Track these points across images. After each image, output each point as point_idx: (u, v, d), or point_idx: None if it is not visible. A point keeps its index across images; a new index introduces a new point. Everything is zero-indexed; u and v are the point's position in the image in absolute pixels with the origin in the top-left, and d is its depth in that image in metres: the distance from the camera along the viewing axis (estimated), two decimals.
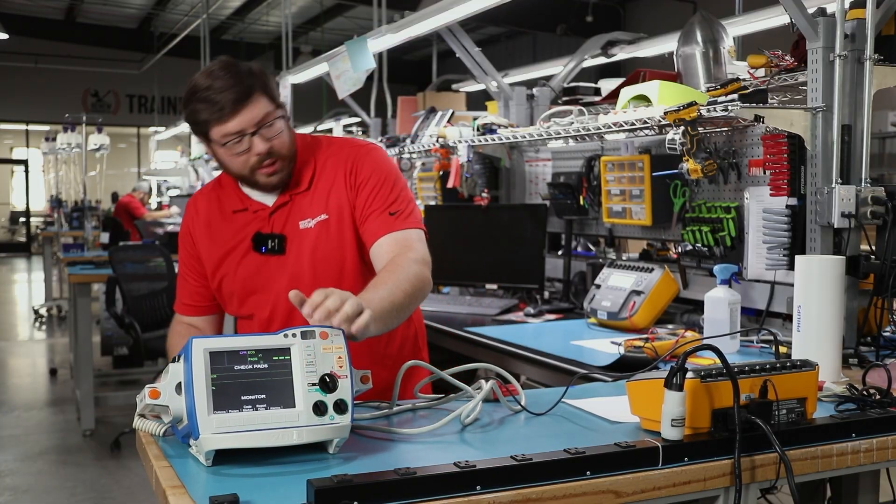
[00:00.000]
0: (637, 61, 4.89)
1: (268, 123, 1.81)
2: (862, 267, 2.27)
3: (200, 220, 2.00)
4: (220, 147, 1.83)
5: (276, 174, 1.87)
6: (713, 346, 1.46)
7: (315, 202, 1.95)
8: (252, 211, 1.95)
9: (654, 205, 3.08)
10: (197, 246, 2.00)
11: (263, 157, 1.83)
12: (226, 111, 1.77)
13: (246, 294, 1.97)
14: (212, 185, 2.07)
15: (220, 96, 1.77)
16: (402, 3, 5.61)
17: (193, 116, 1.82)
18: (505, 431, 1.62)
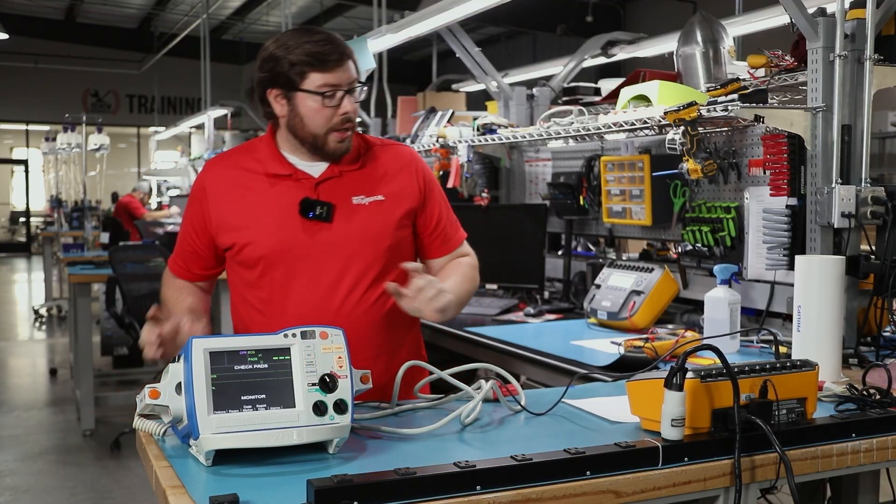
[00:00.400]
0: (637, 61, 4.89)
1: (355, 89, 1.89)
2: (862, 267, 2.27)
3: (221, 185, 1.97)
4: (311, 97, 1.86)
5: (345, 141, 1.92)
6: (713, 346, 1.46)
7: (368, 182, 1.98)
8: (296, 178, 1.94)
9: (654, 205, 3.08)
10: (211, 211, 1.96)
11: (346, 119, 1.89)
12: (331, 61, 1.84)
13: (277, 259, 1.93)
14: (236, 151, 2.05)
15: (328, 48, 1.85)
16: (402, 3, 5.62)
17: (291, 60, 1.84)
18: (505, 431, 1.62)
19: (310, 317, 1.88)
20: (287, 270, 1.93)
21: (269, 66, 1.89)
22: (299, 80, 1.86)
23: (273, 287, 1.94)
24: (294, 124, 1.91)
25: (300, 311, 1.92)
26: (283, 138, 1.97)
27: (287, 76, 1.87)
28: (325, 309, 1.92)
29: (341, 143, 1.92)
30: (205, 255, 2.03)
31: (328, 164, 1.96)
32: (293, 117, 1.90)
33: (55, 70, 18.20)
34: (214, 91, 9.99)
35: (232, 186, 1.96)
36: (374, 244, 1.95)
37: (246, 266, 1.97)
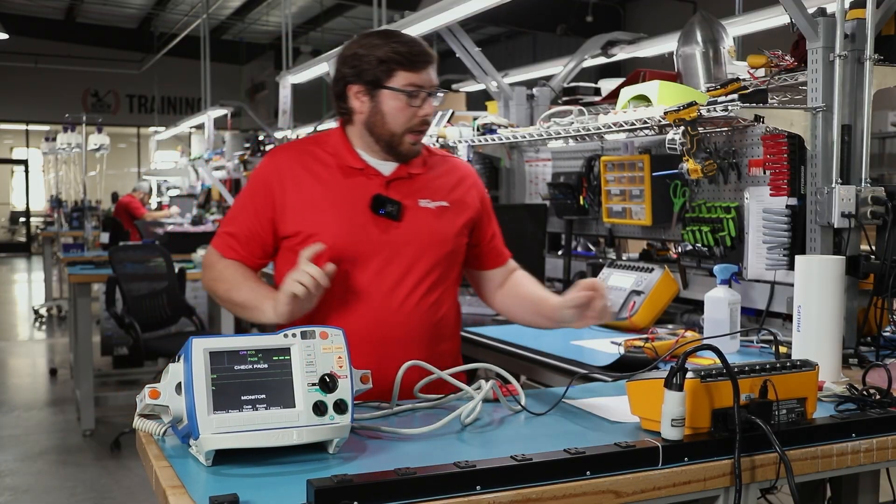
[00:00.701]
0: (637, 61, 4.89)
1: (436, 94, 1.94)
2: (862, 267, 2.27)
3: (291, 172, 1.96)
4: (395, 95, 1.89)
5: (417, 143, 1.96)
6: (713, 346, 1.46)
7: (433, 187, 2.02)
8: (367, 174, 1.96)
9: (654, 205, 3.08)
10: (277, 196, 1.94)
11: (424, 121, 1.93)
12: (420, 62, 1.89)
13: (343, 252, 1.92)
14: (306, 142, 2.05)
15: (417, 48, 1.90)
16: (402, 3, 5.62)
17: (381, 58, 1.88)
18: (505, 431, 1.62)
19: (370, 313, 1.92)
20: (351, 264, 1.92)
21: (353, 63, 1.92)
22: (385, 78, 1.89)
23: (337, 280, 1.91)
24: (374, 121, 1.93)
25: (361, 307, 1.93)
26: (357, 135, 1.99)
27: (374, 73, 1.89)
28: (385, 306, 1.93)
29: (415, 146, 1.96)
30: (265, 241, 1.99)
31: (397, 164, 1.98)
32: (374, 114, 1.93)
33: (55, 70, 18.20)
34: (214, 91, 10.00)
35: (302, 174, 1.96)
36: (438, 248, 1.98)
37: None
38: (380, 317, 1.92)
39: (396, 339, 1.93)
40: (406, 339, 1.93)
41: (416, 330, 1.96)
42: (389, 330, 1.93)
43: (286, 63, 7.45)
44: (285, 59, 7.58)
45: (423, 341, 1.97)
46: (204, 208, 10.36)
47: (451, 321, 2.07)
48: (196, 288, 6.84)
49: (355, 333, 1.85)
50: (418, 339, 1.96)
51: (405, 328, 1.94)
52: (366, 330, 1.91)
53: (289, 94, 6.81)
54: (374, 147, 1.97)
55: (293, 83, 6.64)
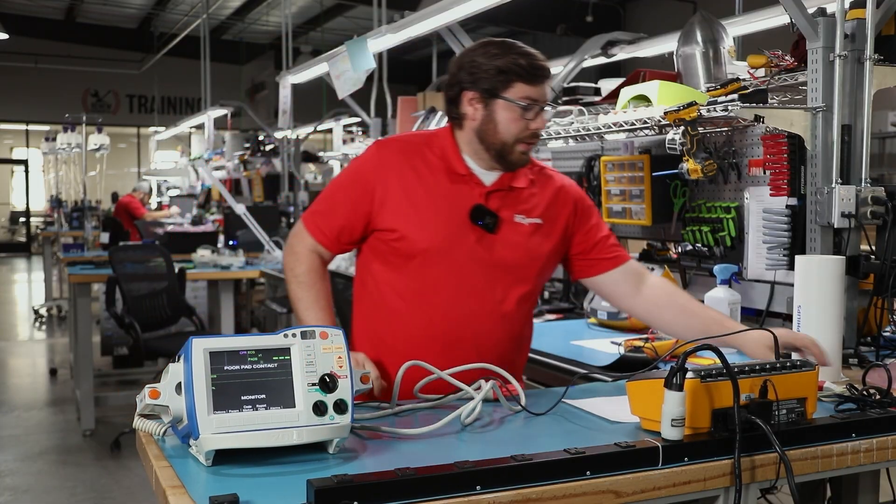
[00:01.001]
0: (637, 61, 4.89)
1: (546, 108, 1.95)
2: (862, 267, 2.27)
3: (396, 167, 1.96)
4: (509, 105, 1.90)
5: (527, 154, 1.97)
6: (713, 346, 1.46)
7: (530, 203, 2.02)
8: (470, 182, 1.97)
9: (654, 205, 3.08)
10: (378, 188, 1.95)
11: (535, 134, 1.95)
12: (539, 76, 1.91)
13: (436, 255, 1.94)
14: (415, 138, 2.06)
15: (540, 63, 1.92)
16: (402, 3, 5.62)
17: (502, 68, 1.89)
18: (505, 431, 1.62)
19: (452, 318, 1.94)
20: (443, 269, 1.94)
21: (471, 70, 1.93)
22: (503, 88, 1.90)
23: (424, 280, 1.94)
24: (485, 129, 1.94)
25: (447, 311, 1.95)
26: (465, 141, 1.99)
27: (491, 82, 1.90)
28: (469, 314, 1.95)
29: (524, 156, 1.97)
30: (354, 230, 2.00)
31: (500, 174, 1.99)
32: (486, 122, 1.93)
33: (55, 70, 18.19)
34: (214, 91, 9.99)
35: (406, 171, 1.96)
36: (527, 264, 2.00)
37: (400, 253, 1.96)
38: (461, 321, 1.94)
39: (470, 347, 1.95)
40: (479, 348, 1.95)
41: (495, 338, 1.98)
42: (464, 337, 1.95)
43: (286, 63, 7.45)
44: (285, 59, 7.57)
45: (502, 350, 1.99)
46: (204, 208, 10.37)
47: (527, 336, 2.11)
48: (196, 288, 6.85)
49: (431, 336, 1.93)
50: (497, 347, 1.98)
51: (486, 336, 1.96)
52: (441, 335, 1.95)
53: (289, 94, 6.81)
54: (482, 154, 1.97)
55: (293, 83, 6.63)
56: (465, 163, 1.98)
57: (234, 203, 6.28)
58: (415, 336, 1.96)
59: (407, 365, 1.77)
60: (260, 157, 8.90)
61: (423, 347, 1.92)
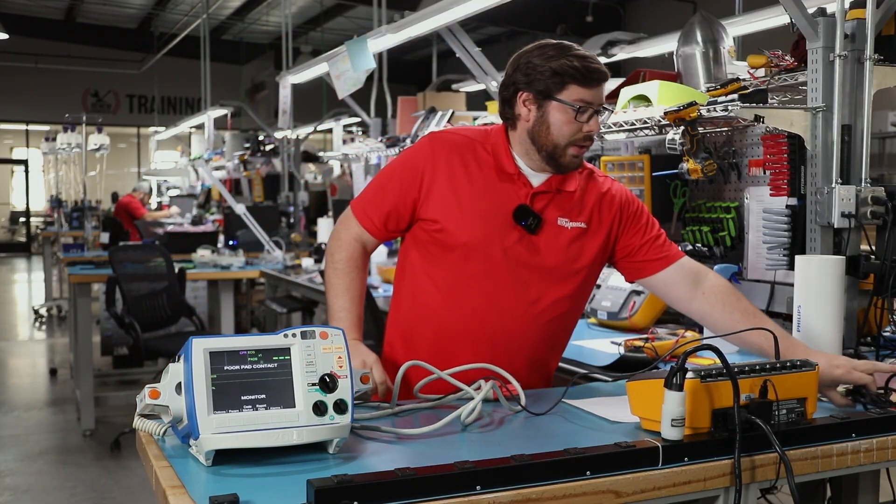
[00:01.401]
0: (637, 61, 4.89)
1: (601, 112, 1.95)
2: (862, 267, 2.27)
3: (447, 158, 1.98)
4: (563, 107, 1.90)
5: (579, 157, 1.97)
6: (713, 346, 1.46)
7: (576, 208, 2.01)
8: (517, 181, 1.98)
9: (654, 205, 3.07)
10: (426, 177, 1.97)
11: (588, 137, 1.94)
12: (593, 79, 1.90)
13: (476, 250, 1.95)
14: (470, 133, 2.05)
15: (595, 66, 1.91)
16: (402, 3, 5.62)
17: (557, 70, 1.89)
18: (505, 431, 1.62)
19: (485, 313, 1.95)
20: (481, 264, 1.96)
21: (526, 71, 1.92)
22: (557, 90, 1.90)
23: (462, 274, 1.96)
24: (538, 131, 1.94)
25: (481, 306, 1.96)
26: (518, 140, 1.99)
27: (546, 83, 1.90)
28: (502, 311, 1.96)
29: (576, 159, 1.96)
30: (400, 218, 2.01)
31: (548, 176, 2.00)
32: (539, 124, 1.93)
33: (55, 70, 18.19)
34: (214, 91, 9.99)
35: (456, 164, 1.98)
36: (565, 268, 1.99)
37: (440, 245, 1.98)
38: (495, 317, 1.96)
39: (500, 344, 1.96)
40: (509, 346, 1.97)
41: (527, 338, 1.99)
42: (495, 334, 1.96)
43: (286, 63, 7.45)
44: (285, 59, 7.58)
45: (533, 351, 2.01)
46: (204, 208, 10.37)
47: (561, 340, 2.11)
48: (196, 288, 6.85)
49: (462, 330, 1.96)
50: (529, 348, 2.00)
51: (511, 335, 1.97)
52: (472, 329, 1.96)
53: (289, 94, 6.81)
54: (534, 155, 1.98)
55: (293, 83, 6.64)
56: (515, 162, 1.99)
57: (234, 203, 6.28)
58: (446, 328, 1.98)
59: (407, 365, 1.77)
60: (260, 157, 8.89)
61: (452, 340, 1.96)
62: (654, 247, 2.07)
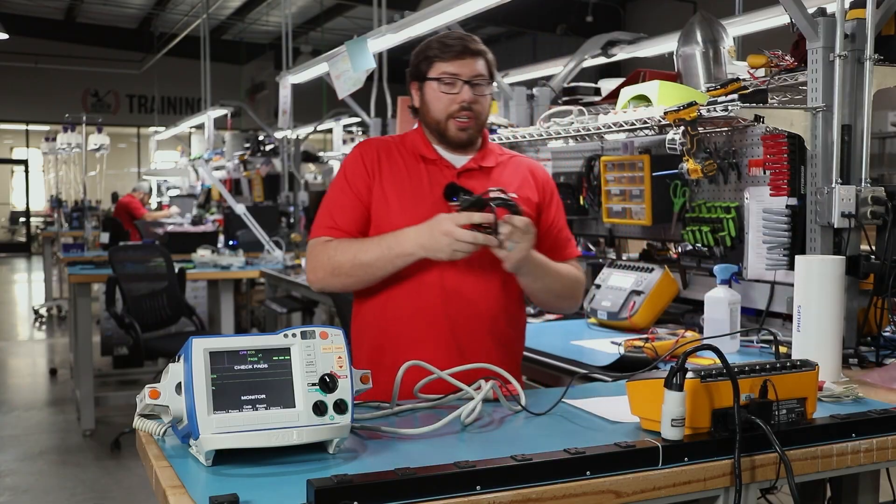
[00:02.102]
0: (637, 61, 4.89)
1: (478, 83, 2.04)
2: (862, 267, 2.27)
3: (383, 161, 2.09)
4: (432, 84, 2.04)
5: (465, 130, 2.06)
6: (713, 346, 1.46)
7: (502, 182, 2.10)
8: (441, 165, 2.10)
9: (654, 205, 3.08)
10: (373, 178, 2.08)
11: (464, 107, 2.03)
12: (452, 52, 2.03)
13: None
14: (391, 140, 2.19)
15: (454, 42, 2.05)
16: (402, 3, 5.62)
17: (424, 53, 2.06)
18: (505, 431, 1.62)
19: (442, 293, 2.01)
20: None
21: (411, 64, 2.10)
22: (427, 70, 2.06)
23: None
24: (424, 112, 2.10)
25: (435, 288, 2.02)
26: (427, 131, 2.13)
27: (419, 67, 2.08)
28: (457, 287, 2.02)
29: (462, 132, 2.06)
30: (365, 216, 2.08)
31: (470, 157, 2.11)
32: (422, 105, 2.09)
33: (55, 70, 18.19)
34: (214, 91, 9.99)
35: (385, 160, 2.10)
36: None
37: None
38: (449, 296, 2.01)
39: (463, 322, 2.02)
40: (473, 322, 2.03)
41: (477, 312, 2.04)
42: (456, 312, 2.02)
43: (286, 63, 7.44)
44: (285, 59, 7.57)
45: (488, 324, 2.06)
46: (204, 208, 10.36)
47: (517, 309, 2.15)
48: (196, 288, 6.85)
49: (423, 309, 2.01)
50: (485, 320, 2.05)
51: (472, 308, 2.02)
52: (435, 309, 2.02)
53: (289, 94, 6.81)
54: (438, 140, 2.11)
55: (293, 83, 6.64)
56: (435, 150, 2.11)
57: (234, 203, 6.28)
58: (408, 314, 2.02)
59: (407, 365, 1.77)
60: (260, 157, 8.90)
61: (414, 324, 2.02)
62: (560, 238, 2.20)
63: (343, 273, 2.01)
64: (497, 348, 2.06)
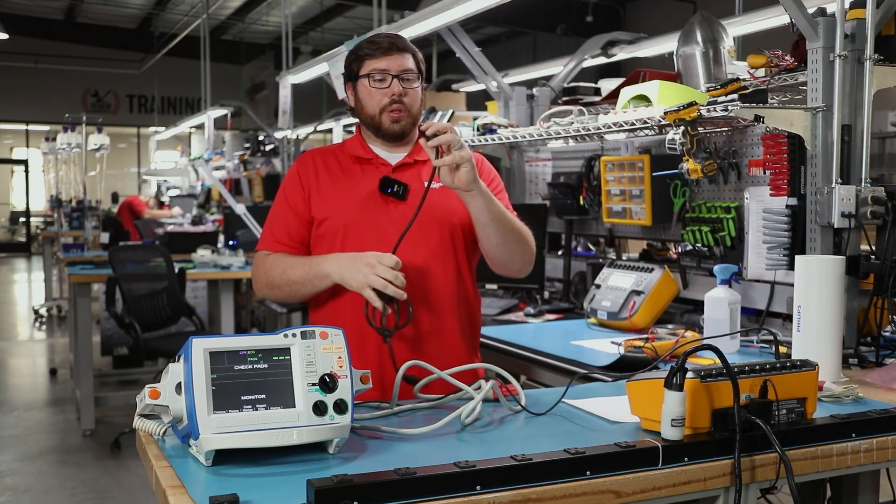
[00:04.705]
0: (637, 61, 4.89)
1: (408, 78, 2.11)
2: (862, 267, 2.27)
3: (319, 169, 2.18)
4: (363, 80, 2.12)
5: (398, 122, 2.12)
6: (713, 346, 1.46)
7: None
8: (377, 163, 2.16)
9: (654, 205, 3.08)
10: (310, 189, 2.16)
11: (395, 100, 2.10)
12: (380, 50, 2.11)
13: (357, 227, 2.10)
14: (330, 147, 2.28)
15: (382, 39, 2.14)
16: (402, 3, 5.62)
17: (355, 53, 2.15)
18: (505, 431, 1.62)
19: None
20: (371, 240, 2.08)
21: (345, 66, 2.17)
22: (358, 69, 2.13)
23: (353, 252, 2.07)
24: (359, 110, 2.15)
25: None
26: (364, 131, 2.21)
27: (351, 68, 2.15)
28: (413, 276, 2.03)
29: (395, 124, 2.12)
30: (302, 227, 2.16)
31: (405, 153, 2.17)
32: (357, 103, 2.15)
33: (55, 70, 18.18)
34: (214, 91, 9.99)
35: (322, 166, 2.19)
36: (442, 220, 2.12)
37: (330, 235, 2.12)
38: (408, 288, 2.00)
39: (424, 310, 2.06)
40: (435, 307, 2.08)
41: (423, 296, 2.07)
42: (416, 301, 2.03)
43: (286, 63, 7.44)
44: (285, 59, 7.57)
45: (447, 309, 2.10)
46: (204, 208, 10.36)
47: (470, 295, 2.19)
48: (196, 288, 6.85)
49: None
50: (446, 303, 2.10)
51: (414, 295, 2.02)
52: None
53: (289, 94, 6.81)
54: (374, 137, 2.17)
55: (293, 83, 6.64)
56: (370, 149, 2.18)
57: (234, 203, 6.27)
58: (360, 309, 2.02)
59: (407, 365, 1.77)
60: (260, 157, 8.89)
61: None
62: None
63: (276, 286, 2.12)
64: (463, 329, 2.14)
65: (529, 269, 2.23)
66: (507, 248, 2.12)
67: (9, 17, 14.92)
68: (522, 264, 2.19)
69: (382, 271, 1.91)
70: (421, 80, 2.15)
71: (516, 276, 2.26)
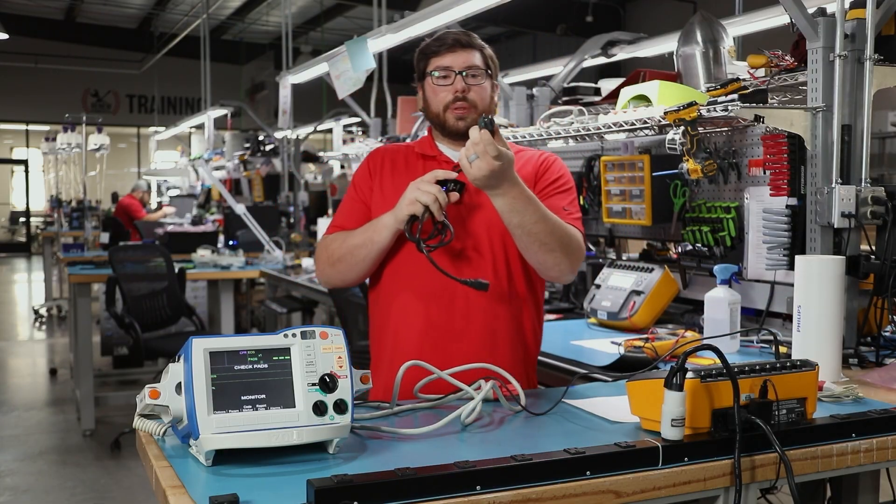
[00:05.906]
0: (637, 61, 4.88)
1: (474, 74, 2.09)
2: (862, 267, 2.27)
3: (386, 164, 2.20)
4: (429, 78, 2.11)
5: (463, 119, 2.09)
6: (713, 346, 1.46)
7: None
8: (440, 161, 2.15)
9: (654, 205, 3.07)
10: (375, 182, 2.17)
11: (459, 98, 2.08)
12: (445, 46, 2.10)
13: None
14: (403, 144, 2.29)
15: (447, 37, 2.12)
16: (402, 3, 5.62)
17: (422, 51, 2.14)
18: (505, 431, 1.62)
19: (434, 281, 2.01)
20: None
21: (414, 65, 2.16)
22: (424, 67, 2.13)
23: (406, 249, 2.08)
24: (427, 109, 2.16)
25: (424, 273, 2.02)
26: (433, 130, 2.20)
27: (418, 68, 2.15)
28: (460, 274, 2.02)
29: (459, 121, 2.10)
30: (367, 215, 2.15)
31: None
32: (425, 102, 2.15)
33: (55, 70, 18.18)
34: (214, 91, 9.99)
35: (389, 163, 2.20)
36: (495, 228, 2.07)
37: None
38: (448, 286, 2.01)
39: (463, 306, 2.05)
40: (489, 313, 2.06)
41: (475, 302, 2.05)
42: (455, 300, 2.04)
43: (286, 63, 7.44)
44: (285, 59, 7.57)
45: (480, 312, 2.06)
46: (204, 208, 10.36)
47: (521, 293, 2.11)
48: (196, 288, 6.85)
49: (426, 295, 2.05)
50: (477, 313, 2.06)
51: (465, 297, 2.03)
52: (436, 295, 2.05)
53: (289, 94, 6.81)
54: (441, 136, 2.17)
55: (293, 83, 6.64)
56: (437, 147, 2.18)
57: (234, 203, 6.28)
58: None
59: (407, 365, 1.77)
60: (260, 157, 8.89)
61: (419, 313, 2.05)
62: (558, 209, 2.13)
63: (336, 260, 2.10)
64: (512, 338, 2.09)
65: (571, 277, 2.11)
66: (538, 253, 2.00)
67: (9, 17, 14.93)
68: (560, 273, 2.04)
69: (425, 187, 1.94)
70: (490, 78, 2.12)
71: (557, 282, 2.23)
